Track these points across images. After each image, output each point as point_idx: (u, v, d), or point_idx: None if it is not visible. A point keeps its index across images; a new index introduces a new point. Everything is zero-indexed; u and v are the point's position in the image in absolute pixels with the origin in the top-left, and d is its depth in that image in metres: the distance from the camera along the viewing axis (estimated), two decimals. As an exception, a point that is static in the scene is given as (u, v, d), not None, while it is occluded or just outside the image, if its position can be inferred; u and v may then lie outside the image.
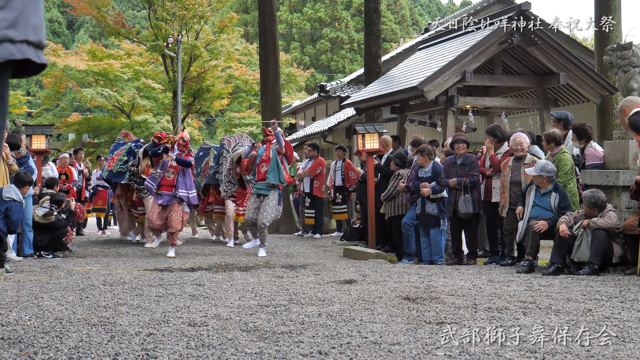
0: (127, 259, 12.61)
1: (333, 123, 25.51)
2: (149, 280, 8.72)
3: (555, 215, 10.00)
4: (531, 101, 17.81)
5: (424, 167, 12.03)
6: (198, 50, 36.61)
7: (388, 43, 56.52)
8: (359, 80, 28.83)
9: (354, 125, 14.44)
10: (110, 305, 6.62)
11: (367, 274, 9.51)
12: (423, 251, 12.02)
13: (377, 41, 21.41)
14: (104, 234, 20.81)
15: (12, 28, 2.01)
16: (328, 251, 14.76)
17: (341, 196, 18.05)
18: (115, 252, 14.32)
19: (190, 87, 37.82)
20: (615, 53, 10.85)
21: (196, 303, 6.82)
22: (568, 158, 10.52)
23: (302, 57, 61.03)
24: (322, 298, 7.10)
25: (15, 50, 2.02)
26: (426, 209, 11.80)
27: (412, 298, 7.01)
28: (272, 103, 21.92)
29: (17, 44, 2.02)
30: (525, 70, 17.17)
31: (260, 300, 6.97)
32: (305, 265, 11.01)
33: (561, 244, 9.56)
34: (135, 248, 15.14)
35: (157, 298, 7.20)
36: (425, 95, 15.59)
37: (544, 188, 10.21)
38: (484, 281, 8.51)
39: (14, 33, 2.02)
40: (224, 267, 10.61)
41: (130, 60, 39.12)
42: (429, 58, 17.91)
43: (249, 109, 45.67)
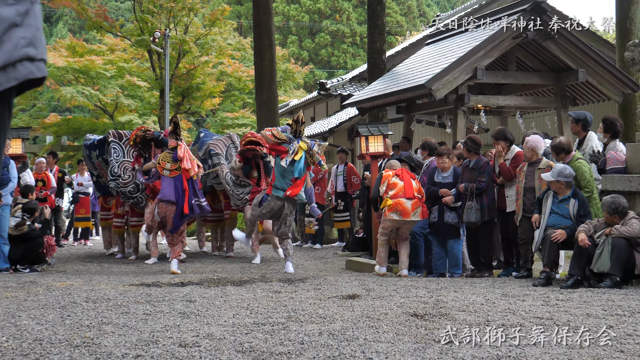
0: (112, 273, 12.65)
1: (334, 124, 25.54)
2: (136, 297, 8.74)
3: (574, 224, 10.05)
4: (548, 100, 17.84)
5: (444, 170, 12.07)
6: (187, 45, 36.69)
7: (393, 37, 56.61)
8: (361, 77, 28.85)
9: (357, 127, 14.49)
10: (94, 325, 6.66)
11: (371, 288, 9.56)
12: (436, 263, 12.04)
13: (381, 35, 21.46)
14: (85, 245, 20.86)
15: (32, 46, 2.07)
16: (329, 263, 14.81)
17: (343, 203, 18.11)
18: (98, 265, 14.36)
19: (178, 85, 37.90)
20: (638, 49, 10.91)
21: (187, 321, 6.85)
22: (584, 164, 10.54)
23: (300, 52, 61.11)
24: (323, 315, 7.14)
25: (35, 68, 2.08)
26: (445, 217, 11.84)
27: (420, 314, 7.05)
28: (268, 102, 21.98)
29: (36, 62, 2.08)
30: (541, 67, 17.21)
31: (256, 318, 7.01)
32: (305, 278, 11.05)
33: (580, 255, 9.60)
34: (120, 261, 15.19)
35: (144, 316, 7.22)
36: (433, 94, 15.63)
37: (562, 194, 10.25)
38: (497, 295, 8.55)
39: (33, 52, 2.08)
40: (216, 281, 10.64)
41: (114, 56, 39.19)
42: (438, 53, 17.94)
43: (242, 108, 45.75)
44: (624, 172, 10.46)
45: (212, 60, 38.74)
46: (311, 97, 34.02)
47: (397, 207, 11.85)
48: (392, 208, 11.88)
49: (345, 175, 18.06)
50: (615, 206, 9.48)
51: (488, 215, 11.61)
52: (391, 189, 12.03)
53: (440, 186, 11.93)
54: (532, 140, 11.09)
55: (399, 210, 11.84)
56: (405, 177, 12.12)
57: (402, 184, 11.98)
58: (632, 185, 10.11)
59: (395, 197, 11.92)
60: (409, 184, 11.99)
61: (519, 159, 11.55)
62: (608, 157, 10.76)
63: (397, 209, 11.84)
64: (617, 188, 10.17)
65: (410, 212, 11.83)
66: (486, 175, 11.62)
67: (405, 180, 12.04)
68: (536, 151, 11.02)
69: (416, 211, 11.87)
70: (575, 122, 11.83)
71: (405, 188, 11.93)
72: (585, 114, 11.90)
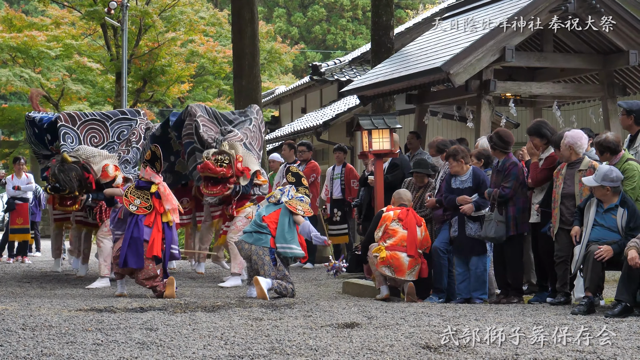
0: (55, 296, 12.62)
1: (330, 116, 25.52)
2: (84, 324, 8.72)
3: (622, 238, 10.05)
4: (592, 88, 17.89)
5: (459, 175, 12.07)
6: (150, 18, 36.69)
7: (403, 10, 56.73)
8: (364, 59, 28.86)
9: (358, 118, 14.48)
10: (32, 356, 6.65)
11: (373, 316, 9.56)
12: (459, 286, 11.99)
13: (388, 7, 21.48)
14: (22, 263, 20.81)
15: None
16: (322, 285, 14.81)
17: (340, 213, 18.07)
18: (38, 287, 14.34)
19: (139, 68, 37.91)
20: None
21: (146, 353, 6.84)
22: (635, 166, 10.54)
23: (289, 28, 61.17)
24: (315, 347, 7.14)
25: None
26: (466, 230, 11.83)
27: (434, 347, 7.05)
28: (249, 89, 21.96)
29: None
30: (584, 48, 17.25)
31: (232, 350, 7.00)
32: (292, 304, 11.04)
33: (630, 277, 9.60)
34: (66, 282, 15.15)
35: (94, 347, 7.21)
36: (451, 80, 15.64)
37: (608, 202, 10.25)
38: (528, 325, 8.54)
39: None
40: (183, 306, 10.63)
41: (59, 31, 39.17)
42: (457, 30, 17.98)
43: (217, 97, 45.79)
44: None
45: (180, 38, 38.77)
46: (302, 83, 34.02)
47: (392, 262, 11.88)
48: (386, 261, 11.91)
49: (343, 179, 18.01)
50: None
51: (515, 230, 11.56)
52: (389, 236, 12.06)
53: (459, 193, 11.91)
54: (571, 136, 11.07)
55: (393, 266, 11.89)
56: (410, 224, 12.08)
57: (404, 234, 12.00)
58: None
59: (392, 249, 11.94)
60: (412, 235, 11.99)
61: (551, 161, 11.52)
62: (665, 157, 10.79)
63: (391, 264, 11.90)
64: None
65: (406, 270, 11.88)
66: (512, 180, 11.54)
67: (409, 229, 12.03)
68: (575, 149, 10.98)
69: (413, 270, 11.93)
70: (627, 114, 11.81)
71: (408, 240, 11.96)
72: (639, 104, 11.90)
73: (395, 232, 12.02)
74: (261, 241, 12.24)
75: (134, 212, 12.50)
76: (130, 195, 12.56)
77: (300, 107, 34.70)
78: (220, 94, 46.92)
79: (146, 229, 12.49)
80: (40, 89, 14.06)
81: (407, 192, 12.72)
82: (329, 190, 18.28)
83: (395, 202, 12.51)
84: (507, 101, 17.46)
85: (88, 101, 40.47)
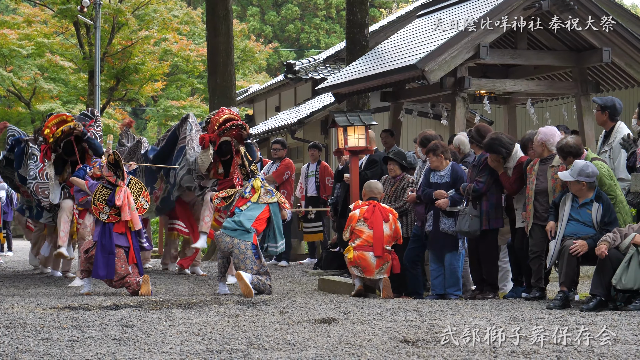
0: (28, 295, 12.57)
1: (304, 114, 25.53)
2: (59, 321, 8.71)
3: (597, 233, 10.10)
4: (565, 85, 17.95)
5: (438, 170, 12.08)
6: (123, 16, 36.59)
7: (377, 9, 56.79)
8: (338, 57, 28.86)
9: (333, 115, 14.47)
10: (7, 353, 6.62)
11: (350, 311, 9.57)
12: (433, 282, 12.07)
13: (363, 5, 21.49)
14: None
15: None
16: (298, 283, 14.80)
17: (315, 210, 18.08)
18: (11, 286, 14.27)
19: (112, 66, 37.78)
20: (677, 21, 10.97)
21: (124, 349, 6.83)
22: (601, 165, 10.58)
23: (263, 27, 61.12)
24: (292, 341, 7.14)
25: None
26: (440, 225, 11.86)
27: (412, 340, 7.07)
28: (224, 87, 21.93)
29: None
30: (558, 45, 17.31)
31: (209, 345, 7.00)
32: (268, 300, 11.04)
33: (604, 271, 9.65)
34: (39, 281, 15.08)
35: (70, 343, 7.20)
36: (426, 77, 15.66)
37: (583, 197, 10.30)
38: (504, 319, 8.59)
39: None
40: (158, 303, 10.62)
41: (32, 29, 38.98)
42: (432, 27, 18.01)
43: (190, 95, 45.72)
44: (660, 171, 10.53)
45: (153, 36, 38.68)
46: (276, 81, 34.00)
47: (360, 263, 11.99)
48: (354, 262, 12.03)
49: (318, 176, 18.02)
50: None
51: (487, 225, 11.59)
52: (356, 237, 12.14)
53: (436, 187, 11.93)
54: (544, 132, 11.10)
55: (361, 266, 11.99)
56: (376, 222, 12.12)
57: (370, 233, 12.06)
58: (669, 186, 10.17)
59: (360, 249, 12.04)
60: (378, 234, 12.03)
61: (520, 169, 11.53)
62: (639, 152, 10.83)
63: (359, 264, 12.00)
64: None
65: (375, 269, 11.96)
66: (486, 175, 11.58)
67: (375, 227, 12.07)
68: (548, 146, 11.01)
69: (382, 268, 12.01)
70: (602, 110, 11.89)
71: (374, 239, 12.01)
72: (614, 100, 11.96)
73: (362, 232, 12.09)
74: (245, 236, 12.17)
75: (105, 221, 12.41)
76: (99, 203, 12.45)
77: (274, 106, 34.67)
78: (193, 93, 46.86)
79: (120, 236, 12.42)
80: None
81: (377, 184, 12.72)
82: (303, 188, 18.29)
83: (366, 194, 12.54)
84: (481, 98, 17.49)
85: (60, 100, 40.28)
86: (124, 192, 12.45)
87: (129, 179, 12.83)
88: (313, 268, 17.04)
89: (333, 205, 16.02)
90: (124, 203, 12.39)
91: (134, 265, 12.49)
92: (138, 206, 12.75)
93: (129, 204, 12.45)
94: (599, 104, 12.02)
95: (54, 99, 40.09)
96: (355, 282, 12.22)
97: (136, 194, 12.81)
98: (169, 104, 43.45)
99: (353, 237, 12.16)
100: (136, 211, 12.63)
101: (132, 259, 12.46)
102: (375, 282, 12.21)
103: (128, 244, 12.45)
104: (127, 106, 48.39)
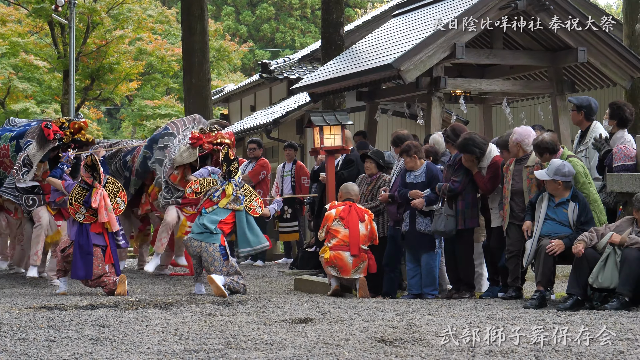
0: (2, 295, 12.51)
1: (279, 113, 25.52)
2: (35, 321, 8.68)
3: (573, 232, 10.14)
4: (541, 85, 17.99)
5: (413, 170, 12.08)
6: (98, 15, 36.43)
7: (352, 9, 56.82)
8: (313, 57, 28.87)
9: (309, 115, 14.47)
10: (-16, 353, 6.59)
11: (327, 311, 9.57)
12: (409, 281, 12.08)
13: (338, 4, 21.49)
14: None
15: None
16: (274, 283, 14.80)
17: (291, 210, 18.06)
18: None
19: (87, 66, 37.61)
20: (652, 21, 11.01)
21: (101, 349, 6.81)
22: (577, 163, 10.63)
23: (238, 26, 61.03)
24: (270, 341, 7.14)
25: None
26: (417, 225, 11.85)
27: (389, 340, 7.08)
28: (199, 86, 21.90)
29: None
30: (533, 45, 17.35)
31: (186, 345, 6.99)
32: (244, 300, 11.03)
33: (581, 270, 9.70)
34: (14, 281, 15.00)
35: (47, 343, 7.18)
36: (402, 76, 15.66)
37: (560, 197, 10.33)
38: (481, 318, 8.61)
39: None
40: (134, 303, 10.59)
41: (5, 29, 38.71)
42: (408, 27, 18.01)
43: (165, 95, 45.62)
44: (634, 170, 10.56)
45: (128, 35, 38.54)
46: (251, 81, 33.98)
47: (336, 262, 12.02)
48: (330, 262, 12.05)
49: (294, 176, 18.00)
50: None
51: (463, 224, 11.61)
52: (332, 237, 12.17)
53: (412, 187, 11.94)
54: (519, 132, 11.13)
55: (338, 266, 12.03)
56: (352, 222, 12.16)
57: (347, 233, 12.09)
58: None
59: (336, 249, 12.07)
60: (354, 233, 12.07)
61: (495, 167, 11.57)
62: (615, 151, 10.85)
63: (336, 264, 12.02)
64: (625, 189, 10.26)
65: (351, 269, 12.01)
66: (461, 174, 11.60)
67: (351, 227, 12.11)
68: (523, 146, 11.05)
69: (358, 268, 12.05)
70: (578, 110, 11.94)
71: (351, 238, 12.06)
72: (589, 100, 12.01)
73: (338, 232, 12.13)
74: (211, 238, 12.14)
75: (81, 222, 12.36)
76: (75, 204, 12.38)
77: (249, 105, 34.65)
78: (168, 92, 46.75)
79: (97, 235, 12.37)
80: None
81: (354, 186, 12.74)
82: (279, 187, 18.26)
83: (342, 196, 12.56)
84: (457, 98, 17.51)
85: (35, 99, 40.08)
86: (100, 193, 12.39)
87: (106, 179, 12.76)
88: (289, 268, 17.04)
89: (310, 205, 16.03)
90: (101, 205, 12.33)
91: (111, 265, 12.45)
92: (114, 207, 12.70)
93: (105, 206, 12.40)
94: (574, 104, 12.07)
95: (29, 99, 39.88)
96: (332, 282, 12.23)
97: (112, 195, 12.75)
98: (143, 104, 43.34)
99: (329, 236, 12.18)
100: (113, 212, 12.59)
101: (108, 258, 12.42)
102: (352, 282, 12.22)
103: (105, 244, 12.41)
104: (101, 106, 48.23)
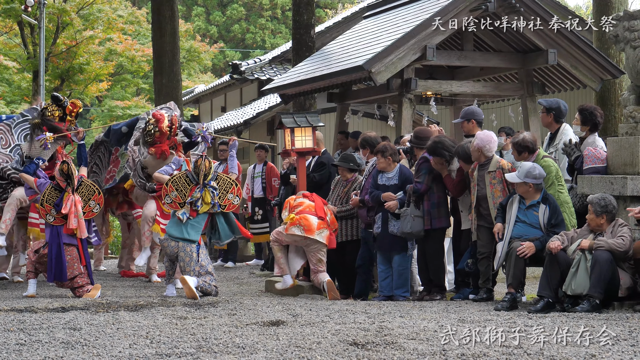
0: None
1: (250, 115, 25.53)
2: (5, 324, 8.65)
3: (544, 235, 10.16)
4: (511, 86, 18.08)
5: (386, 171, 12.06)
6: (68, 16, 36.24)
7: (322, 10, 56.83)
8: (284, 58, 28.91)
9: (280, 116, 14.45)
10: (-47, 357, 6.54)
11: (298, 313, 9.55)
12: (381, 283, 12.06)
13: (309, 6, 21.49)
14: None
15: None
16: (244, 284, 14.78)
17: (262, 211, 18.04)
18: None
19: (56, 66, 37.42)
20: (622, 23, 11.02)
21: (72, 352, 6.77)
22: (551, 163, 10.68)
23: (208, 27, 60.90)
24: (242, 344, 7.12)
25: None
26: (389, 227, 11.82)
27: (361, 343, 7.07)
28: (169, 87, 21.84)
29: None
30: (504, 47, 17.42)
31: (158, 348, 6.96)
32: (216, 302, 10.99)
33: (552, 272, 9.72)
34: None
35: (17, 347, 7.14)
36: (373, 78, 15.68)
37: (530, 199, 10.36)
38: (453, 321, 8.61)
39: None
40: (105, 306, 10.53)
41: (-26, 29, 38.57)
42: (379, 29, 18.04)
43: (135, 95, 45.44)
44: (605, 173, 10.60)
45: (98, 36, 38.35)
46: (222, 82, 33.97)
47: (301, 222, 12.09)
48: (295, 222, 12.12)
49: (264, 177, 17.97)
50: (605, 204, 9.57)
51: (429, 224, 11.59)
52: (297, 207, 12.36)
53: (384, 189, 11.90)
54: (480, 138, 11.06)
55: (302, 225, 12.08)
56: (317, 199, 12.50)
57: (312, 203, 12.36)
58: (614, 188, 10.23)
59: (301, 213, 12.23)
60: (319, 205, 12.39)
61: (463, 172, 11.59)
62: (585, 154, 10.90)
63: (301, 223, 12.08)
64: (596, 191, 10.29)
65: (315, 230, 12.06)
66: (423, 174, 11.58)
67: (315, 201, 12.43)
68: (484, 152, 10.99)
69: (322, 231, 12.13)
70: (547, 112, 11.98)
71: (316, 207, 12.33)
72: (559, 102, 12.05)
73: (302, 203, 12.41)
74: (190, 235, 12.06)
75: (52, 224, 12.28)
76: (47, 205, 12.29)
77: (220, 106, 34.65)
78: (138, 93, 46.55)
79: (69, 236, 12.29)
80: None
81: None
82: (250, 188, 18.24)
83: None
84: (428, 100, 17.55)
85: (4, 100, 39.80)
86: (72, 200, 12.28)
87: (79, 181, 12.65)
88: (260, 269, 17.03)
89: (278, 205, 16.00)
90: (71, 211, 12.24)
91: (84, 267, 12.37)
92: (86, 210, 12.58)
93: (76, 212, 12.30)
94: (544, 106, 12.12)
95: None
96: (286, 280, 12.40)
97: (86, 198, 12.64)
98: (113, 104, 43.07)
99: (292, 210, 12.33)
100: (83, 218, 12.48)
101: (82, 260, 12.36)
102: (320, 284, 12.21)
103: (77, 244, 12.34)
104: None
